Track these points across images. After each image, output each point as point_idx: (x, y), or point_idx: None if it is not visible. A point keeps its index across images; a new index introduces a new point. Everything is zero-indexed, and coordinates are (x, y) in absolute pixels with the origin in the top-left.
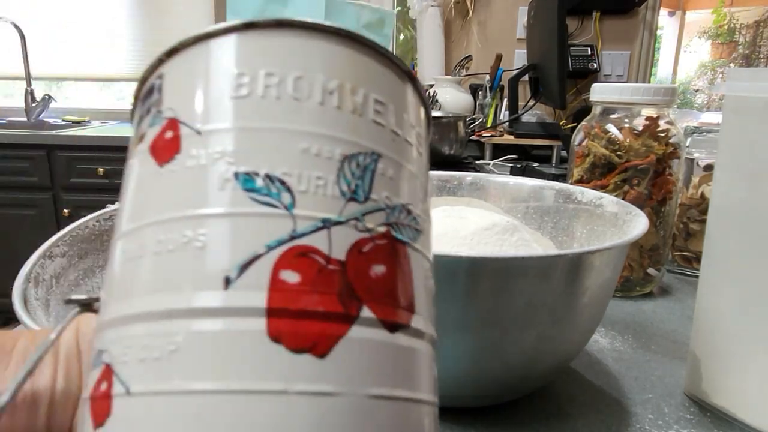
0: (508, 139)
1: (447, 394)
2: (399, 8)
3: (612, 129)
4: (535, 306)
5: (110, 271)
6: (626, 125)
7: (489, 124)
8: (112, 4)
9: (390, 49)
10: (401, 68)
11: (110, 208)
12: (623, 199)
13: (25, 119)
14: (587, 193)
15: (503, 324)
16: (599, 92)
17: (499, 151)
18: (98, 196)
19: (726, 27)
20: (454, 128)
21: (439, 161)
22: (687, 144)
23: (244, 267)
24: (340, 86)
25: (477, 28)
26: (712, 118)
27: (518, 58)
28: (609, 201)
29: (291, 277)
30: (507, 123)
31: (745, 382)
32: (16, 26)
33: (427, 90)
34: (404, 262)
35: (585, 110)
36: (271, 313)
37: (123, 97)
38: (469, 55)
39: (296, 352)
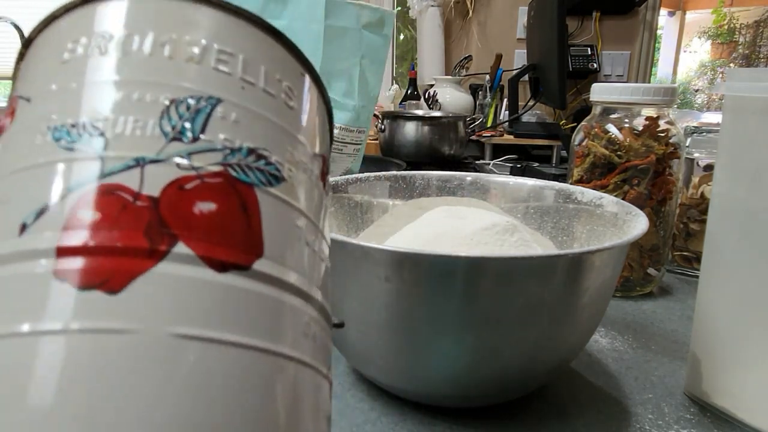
0: (508, 139)
1: (447, 394)
2: (399, 8)
3: (612, 129)
4: (535, 306)
5: None
6: (626, 125)
7: (489, 124)
8: None
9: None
10: (263, 25)
11: None
12: (623, 199)
13: None
14: (587, 193)
15: (503, 324)
16: (599, 92)
17: (499, 151)
18: None
19: (726, 27)
20: (454, 128)
21: (439, 161)
22: (687, 144)
23: (41, 212)
24: (173, 39)
25: (477, 28)
26: (712, 118)
27: (518, 58)
28: (609, 201)
29: (89, 215)
30: (507, 123)
31: (745, 382)
32: (16, 26)
33: (426, 90)
34: (248, 203)
35: (585, 110)
36: (61, 252)
37: None
38: (469, 55)
39: (83, 290)
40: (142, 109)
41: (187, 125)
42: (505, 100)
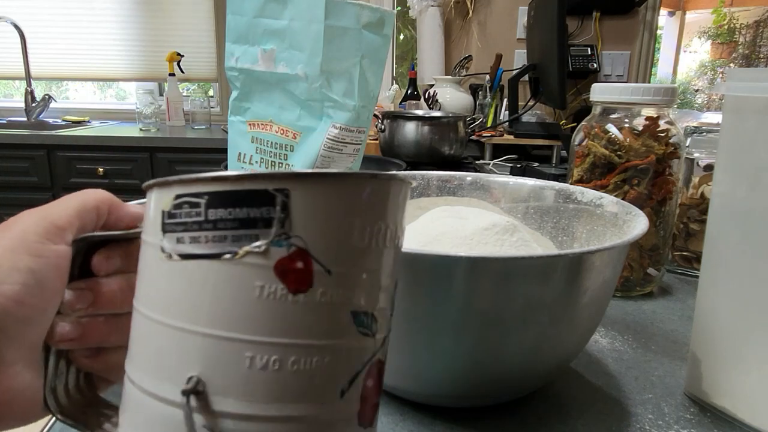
0: (508, 139)
1: (447, 394)
2: (399, 8)
3: (612, 129)
4: (535, 306)
5: (234, 372)
6: (626, 125)
7: (489, 124)
8: (113, 4)
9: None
10: None
11: None
12: (623, 199)
13: (25, 119)
14: (587, 193)
15: (503, 324)
16: (599, 92)
17: (499, 151)
18: None
19: (726, 27)
20: (454, 128)
21: (439, 161)
22: (687, 144)
23: (352, 380)
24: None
25: (477, 28)
26: (712, 118)
27: (518, 58)
28: (609, 201)
29: (369, 383)
30: (507, 123)
31: (745, 382)
32: (16, 26)
33: (426, 90)
34: None
35: (585, 110)
36: (360, 416)
37: (123, 97)
38: (469, 55)
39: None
40: (389, 299)
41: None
42: (505, 100)
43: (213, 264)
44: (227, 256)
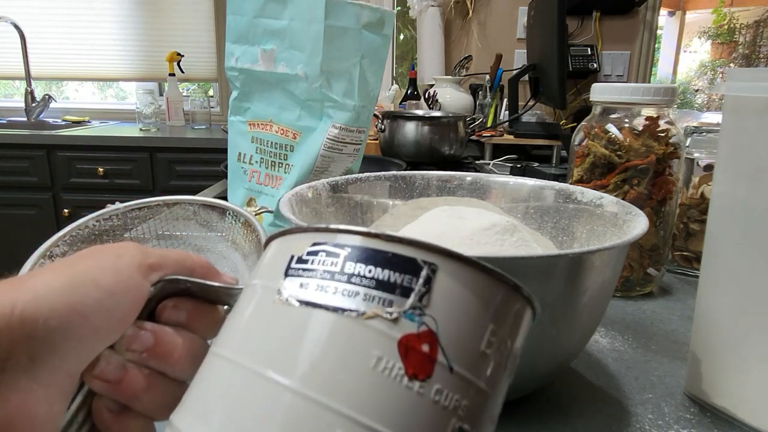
0: (508, 139)
1: None
2: (399, 8)
3: (612, 129)
4: None
5: None
6: (626, 125)
7: (489, 124)
8: (113, 4)
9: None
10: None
11: (110, 208)
12: (623, 199)
13: (25, 119)
14: (587, 193)
15: None
16: (599, 92)
17: (499, 151)
18: (98, 196)
19: (726, 27)
20: (454, 128)
21: (439, 161)
22: (687, 144)
23: None
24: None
25: (477, 28)
26: (712, 118)
27: (518, 58)
28: (609, 201)
29: None
30: (507, 123)
31: (745, 382)
32: (16, 26)
33: (426, 90)
34: None
35: (585, 110)
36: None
37: (123, 97)
38: (469, 55)
39: None
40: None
41: None
42: (505, 100)
43: (333, 317)
44: (353, 313)
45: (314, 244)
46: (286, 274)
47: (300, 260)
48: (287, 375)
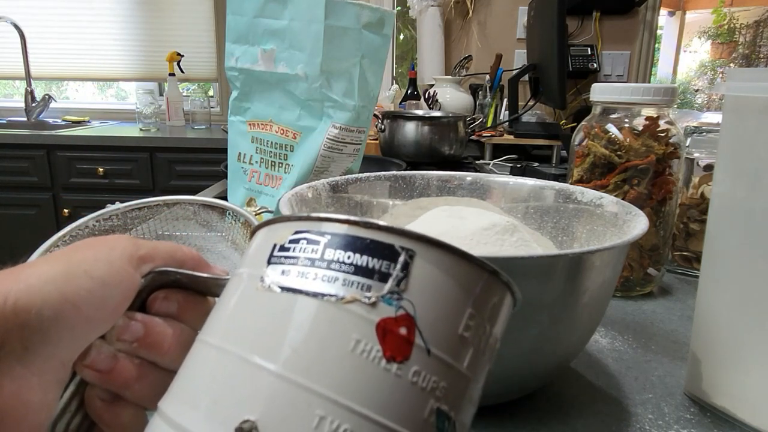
0: (508, 139)
1: None
2: (399, 8)
3: (612, 129)
4: (535, 306)
5: (297, 427)
6: (626, 125)
7: (489, 124)
8: (113, 4)
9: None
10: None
11: (110, 208)
12: (623, 199)
13: (25, 119)
14: (587, 193)
15: None
16: (599, 92)
17: (499, 151)
18: (98, 196)
19: (726, 27)
20: (454, 128)
21: (439, 161)
22: (687, 144)
23: None
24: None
25: (477, 28)
26: (712, 118)
27: (518, 58)
28: (609, 201)
29: None
30: (507, 123)
31: (745, 382)
32: (16, 26)
33: (426, 90)
34: None
35: (585, 110)
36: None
37: (123, 97)
38: (469, 55)
39: None
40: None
41: None
42: (505, 100)
43: (313, 302)
44: (332, 298)
45: (296, 233)
46: (269, 262)
47: (282, 248)
48: (271, 360)
